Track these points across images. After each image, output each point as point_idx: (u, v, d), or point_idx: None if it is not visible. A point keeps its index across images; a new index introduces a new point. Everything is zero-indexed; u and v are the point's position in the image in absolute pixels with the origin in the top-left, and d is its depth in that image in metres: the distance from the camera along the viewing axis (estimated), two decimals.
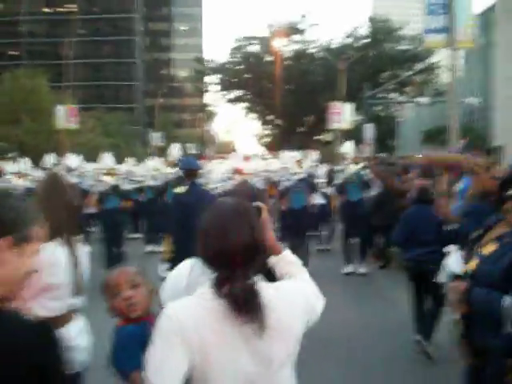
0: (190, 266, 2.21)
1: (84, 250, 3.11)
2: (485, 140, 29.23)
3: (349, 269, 10.09)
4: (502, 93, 39.31)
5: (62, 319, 2.88)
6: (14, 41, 77.54)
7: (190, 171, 6.69)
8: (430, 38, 11.69)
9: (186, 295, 1.95)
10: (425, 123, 56.37)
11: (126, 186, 12.67)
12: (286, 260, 2.13)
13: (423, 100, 26.54)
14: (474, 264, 2.97)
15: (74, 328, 2.95)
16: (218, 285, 1.83)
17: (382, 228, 9.64)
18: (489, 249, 2.97)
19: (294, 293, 1.96)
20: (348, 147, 11.37)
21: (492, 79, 41.92)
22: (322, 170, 13.70)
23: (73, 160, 14.55)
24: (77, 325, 2.99)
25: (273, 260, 2.11)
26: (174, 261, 6.32)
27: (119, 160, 19.95)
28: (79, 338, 2.95)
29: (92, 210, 10.32)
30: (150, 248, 12.44)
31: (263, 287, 1.87)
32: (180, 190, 6.66)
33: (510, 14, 29.18)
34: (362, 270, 10.04)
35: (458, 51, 11.91)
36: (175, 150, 13.51)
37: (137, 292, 2.36)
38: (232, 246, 1.84)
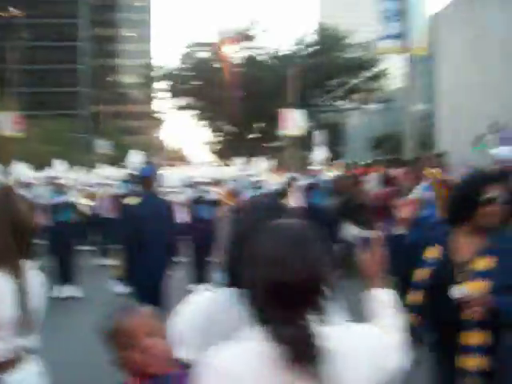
0: (208, 300, 1.81)
1: (38, 279, 2.61)
2: (431, 146, 29.76)
3: None
4: (447, 100, 40.30)
5: (7, 364, 2.41)
6: None
7: (144, 180, 6.00)
8: (384, 45, 11.62)
9: (207, 336, 1.62)
10: (372, 130, 57.39)
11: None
12: (377, 299, 1.83)
13: (373, 107, 26.74)
14: (475, 285, 2.71)
15: (24, 374, 2.45)
16: (273, 327, 1.47)
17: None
18: (483, 264, 2.75)
19: (361, 341, 1.60)
20: (320, 153, 10.98)
21: (437, 87, 42.93)
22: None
23: (24, 170, 13.45)
24: (28, 370, 2.48)
25: (364, 296, 1.84)
26: (127, 278, 5.95)
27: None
28: None
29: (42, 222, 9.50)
30: (102, 261, 11.78)
31: (326, 331, 1.51)
32: (132, 200, 5.98)
33: (451, 25, 29.85)
34: None
35: (412, 57, 11.88)
36: (135, 158, 11.89)
37: (156, 341, 1.87)
38: (296, 280, 1.49)
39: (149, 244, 5.59)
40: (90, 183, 13.40)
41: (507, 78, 38.69)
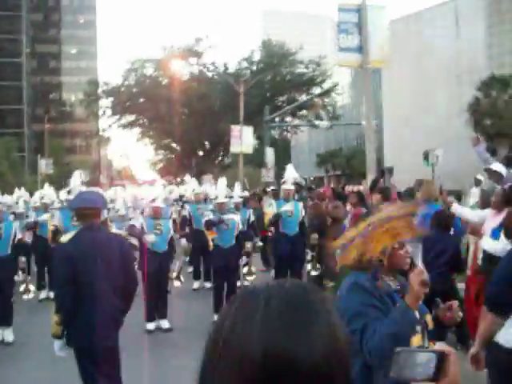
0: None
1: None
2: (379, 161, 30.07)
3: None
4: (389, 115, 41.09)
5: None
6: None
7: (82, 211, 4.53)
8: (343, 57, 11.48)
9: None
10: (319, 147, 58.14)
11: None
12: None
13: (322, 123, 26.79)
14: None
15: None
16: None
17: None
18: None
19: None
20: (290, 172, 9.98)
21: (380, 102, 43.79)
22: None
23: None
24: None
25: None
26: (67, 339, 4.43)
27: (5, 190, 18.36)
28: None
29: None
30: (43, 295, 10.73)
31: None
32: (66, 238, 4.60)
33: (398, 39, 30.35)
34: None
35: (368, 71, 11.79)
36: (76, 179, 10.43)
37: None
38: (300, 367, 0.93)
39: (89, 294, 4.27)
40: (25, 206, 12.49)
41: (450, 93, 39.74)
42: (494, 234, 4.92)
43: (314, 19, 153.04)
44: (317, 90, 40.53)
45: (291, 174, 9.66)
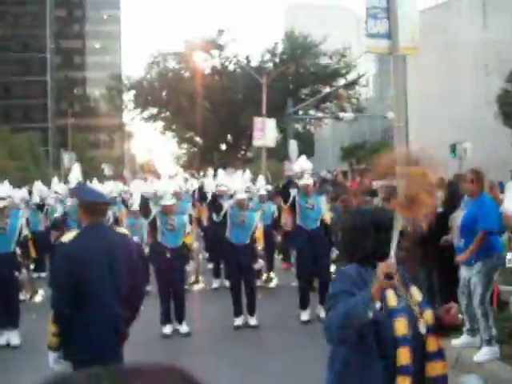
0: None
1: None
2: None
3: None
4: (415, 107, 40.17)
5: None
6: None
7: (95, 205, 3.96)
8: (371, 43, 10.82)
9: None
10: (342, 140, 57.30)
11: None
12: None
13: (347, 115, 26.11)
14: None
15: None
16: None
17: None
18: None
19: None
20: (303, 164, 9.12)
21: (402, 96, 42.69)
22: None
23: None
24: None
25: None
26: (64, 351, 3.91)
27: (28, 184, 18.20)
28: None
29: None
30: None
31: None
32: (68, 237, 3.98)
33: (423, 31, 29.56)
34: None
35: (402, 59, 11.14)
36: (76, 170, 9.96)
37: None
38: None
39: (91, 302, 3.77)
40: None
41: (477, 84, 38.73)
42: None
43: (338, 11, 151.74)
44: (341, 83, 39.71)
45: (305, 165, 8.82)
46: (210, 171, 15.51)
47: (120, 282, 3.86)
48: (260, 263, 8.41)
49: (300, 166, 8.95)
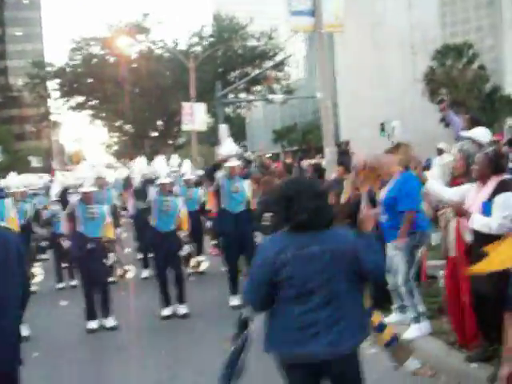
0: None
1: None
2: (336, 135, 29.63)
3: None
4: (344, 89, 40.53)
5: None
6: None
7: None
8: (295, 22, 10.66)
9: None
10: (274, 123, 57.39)
11: None
12: None
13: (277, 97, 25.99)
14: None
15: None
16: None
17: None
18: None
19: None
20: (229, 146, 8.91)
21: (328, 74, 43.12)
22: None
23: None
24: None
25: None
26: None
27: None
28: None
29: None
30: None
31: None
32: None
33: (349, 12, 29.77)
34: None
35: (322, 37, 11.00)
36: None
37: None
38: None
39: None
40: None
41: (404, 64, 39.46)
42: (485, 210, 4.20)
43: None
44: (270, 64, 39.57)
45: (231, 148, 8.58)
46: (140, 159, 15.08)
47: (12, 281, 3.27)
48: (186, 249, 8.13)
49: (226, 149, 8.69)
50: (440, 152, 10.35)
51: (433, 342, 5.28)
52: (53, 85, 43.29)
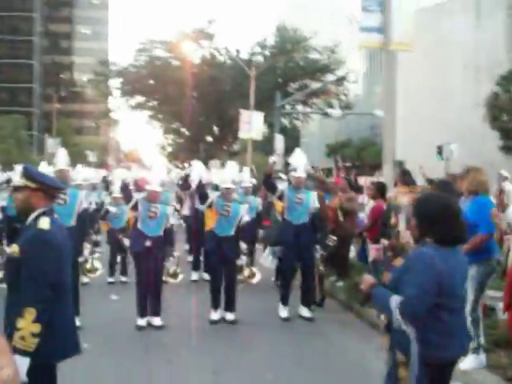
0: None
1: None
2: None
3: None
4: (403, 107, 39.96)
5: None
6: None
7: (51, 190, 3.54)
8: (363, 37, 10.58)
9: None
10: (328, 136, 57.05)
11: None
12: None
13: (334, 112, 25.87)
14: None
15: None
16: None
17: None
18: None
19: None
20: (300, 157, 8.55)
21: (393, 92, 42.54)
22: None
23: None
24: None
25: None
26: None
27: (10, 167, 17.76)
28: None
29: None
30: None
31: None
32: (45, 223, 3.40)
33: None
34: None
35: (393, 55, 10.89)
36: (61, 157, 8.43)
37: None
38: None
39: (67, 290, 3.53)
40: None
41: (467, 87, 38.63)
42: None
43: (330, 8, 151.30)
44: (330, 78, 39.41)
45: (301, 159, 8.47)
46: (196, 162, 15.16)
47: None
48: (242, 260, 8.11)
49: (296, 159, 8.55)
50: (503, 178, 10.13)
51: (490, 377, 5.13)
52: (115, 83, 44.23)
